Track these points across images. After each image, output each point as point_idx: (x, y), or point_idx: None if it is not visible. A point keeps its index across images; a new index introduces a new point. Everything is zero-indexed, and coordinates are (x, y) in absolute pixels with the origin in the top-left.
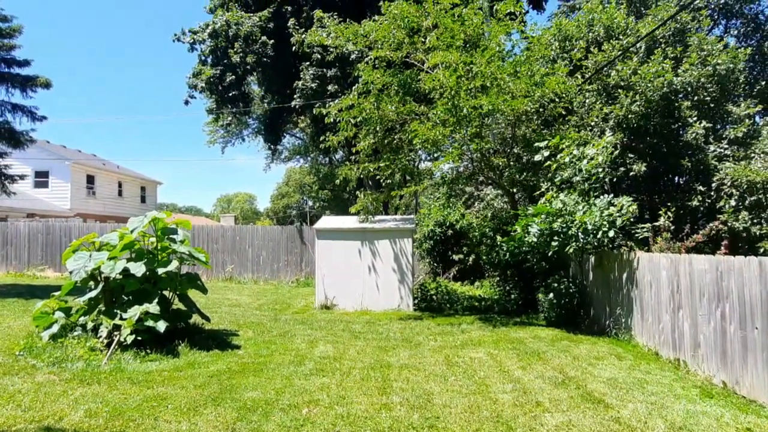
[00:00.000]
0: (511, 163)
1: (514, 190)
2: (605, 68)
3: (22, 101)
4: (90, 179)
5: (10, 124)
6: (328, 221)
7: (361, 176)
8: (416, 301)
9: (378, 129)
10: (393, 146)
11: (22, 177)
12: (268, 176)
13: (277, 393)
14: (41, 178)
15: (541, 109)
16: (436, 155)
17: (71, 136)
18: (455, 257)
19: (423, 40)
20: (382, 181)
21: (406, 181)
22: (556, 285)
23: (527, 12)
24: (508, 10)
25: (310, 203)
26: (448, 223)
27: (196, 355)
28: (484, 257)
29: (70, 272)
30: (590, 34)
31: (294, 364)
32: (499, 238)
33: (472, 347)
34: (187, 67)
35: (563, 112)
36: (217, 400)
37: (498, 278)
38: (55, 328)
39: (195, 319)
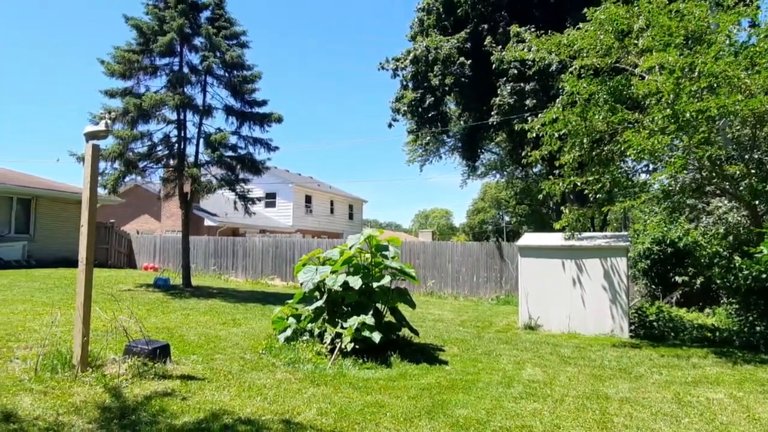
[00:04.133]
0: (752, 170)
1: (756, 203)
2: None
3: (260, 135)
4: (308, 199)
5: (252, 155)
6: (530, 238)
7: (565, 191)
8: (632, 327)
9: (584, 141)
10: (602, 158)
11: (259, 199)
12: (463, 192)
13: (488, 413)
14: (270, 199)
15: None
16: (654, 167)
17: (290, 160)
18: (677, 279)
19: (635, 42)
20: (589, 195)
21: (614, 195)
22: None
23: None
24: None
25: (507, 218)
26: (668, 241)
27: (407, 367)
28: (717, 281)
29: (301, 283)
30: None
31: (502, 385)
32: (737, 259)
33: (707, 386)
34: (387, 94)
35: None
36: (430, 413)
37: (737, 306)
38: (288, 332)
39: (404, 332)
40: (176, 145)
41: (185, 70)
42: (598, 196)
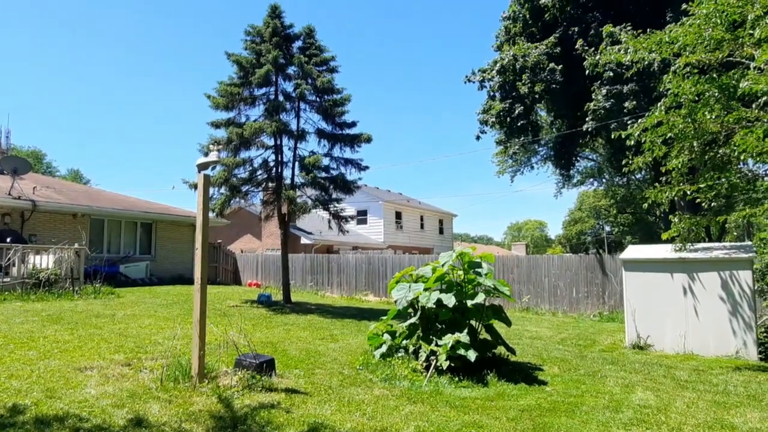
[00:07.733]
0: None
1: None
2: None
3: (351, 156)
4: (398, 215)
5: (344, 175)
6: (635, 250)
7: (674, 198)
8: (761, 349)
9: (694, 144)
10: (716, 162)
11: (352, 218)
12: (558, 202)
13: None
14: (361, 216)
15: None
16: None
17: (379, 176)
18: None
19: (750, 32)
20: (702, 203)
21: (734, 201)
22: None
23: None
24: None
25: (608, 228)
26: None
27: (504, 387)
28: None
29: (395, 301)
30: None
31: (609, 410)
32: None
33: None
34: (471, 107)
35: None
36: None
37: None
38: (384, 348)
39: (499, 350)
40: (274, 169)
41: (280, 98)
42: (713, 204)
